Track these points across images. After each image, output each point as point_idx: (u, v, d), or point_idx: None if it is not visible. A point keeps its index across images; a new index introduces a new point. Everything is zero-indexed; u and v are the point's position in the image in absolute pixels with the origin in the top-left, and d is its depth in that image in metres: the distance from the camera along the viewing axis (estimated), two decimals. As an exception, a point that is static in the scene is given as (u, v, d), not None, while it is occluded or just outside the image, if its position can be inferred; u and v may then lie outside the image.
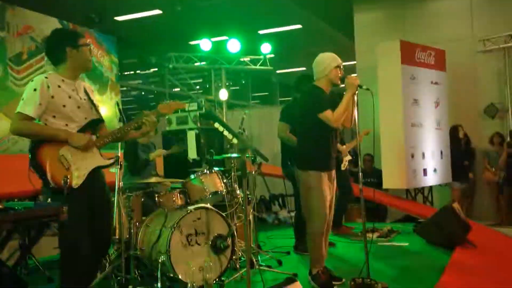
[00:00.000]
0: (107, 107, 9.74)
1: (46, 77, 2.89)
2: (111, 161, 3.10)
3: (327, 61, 3.89)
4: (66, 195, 2.66)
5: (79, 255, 2.81)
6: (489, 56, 8.22)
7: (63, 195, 2.66)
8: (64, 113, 2.91)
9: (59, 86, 2.92)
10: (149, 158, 4.91)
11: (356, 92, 3.78)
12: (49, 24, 8.77)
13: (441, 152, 7.62)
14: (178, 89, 15.66)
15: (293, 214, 6.08)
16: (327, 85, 3.89)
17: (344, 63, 3.97)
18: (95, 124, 3.08)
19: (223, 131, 2.85)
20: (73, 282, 2.84)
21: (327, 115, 3.74)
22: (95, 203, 3.01)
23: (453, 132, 7.75)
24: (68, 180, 2.72)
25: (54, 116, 2.88)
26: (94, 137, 3.04)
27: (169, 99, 14.89)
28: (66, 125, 2.92)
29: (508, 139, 7.32)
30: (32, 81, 2.89)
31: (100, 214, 3.06)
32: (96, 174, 3.01)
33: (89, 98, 3.10)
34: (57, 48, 2.99)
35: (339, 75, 3.86)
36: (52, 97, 2.86)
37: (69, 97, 2.95)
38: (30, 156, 2.81)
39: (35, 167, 2.77)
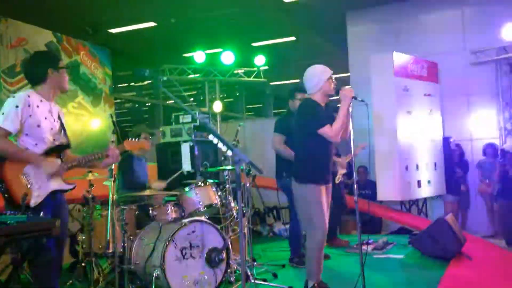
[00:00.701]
0: (101, 119, 9.72)
1: (28, 96, 2.96)
2: (71, 186, 3.15)
3: (318, 75, 3.88)
4: (23, 212, 2.68)
5: (42, 270, 2.88)
6: (481, 68, 8.29)
7: (20, 211, 2.69)
8: (37, 133, 2.98)
9: (37, 106, 2.99)
10: (150, 186, 4.88)
11: (351, 103, 3.78)
12: (42, 36, 8.78)
13: (435, 164, 7.63)
14: (172, 101, 15.67)
15: (288, 226, 6.07)
16: (323, 98, 3.90)
17: (337, 75, 3.98)
18: (62, 148, 3.14)
19: (217, 143, 2.83)
20: None
21: (326, 130, 3.75)
22: None
23: (444, 143, 7.79)
24: (27, 198, 2.77)
25: (26, 134, 2.95)
26: (59, 162, 3.07)
27: (163, 111, 14.92)
28: (36, 144, 2.98)
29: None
30: (13, 97, 2.95)
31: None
32: (57, 196, 3.06)
33: (61, 122, 3.19)
34: (39, 69, 3.08)
35: (333, 85, 3.88)
36: (30, 116, 2.93)
37: (45, 118, 3.03)
38: None
39: None
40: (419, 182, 7.25)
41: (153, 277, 3.73)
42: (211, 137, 2.73)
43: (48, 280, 2.89)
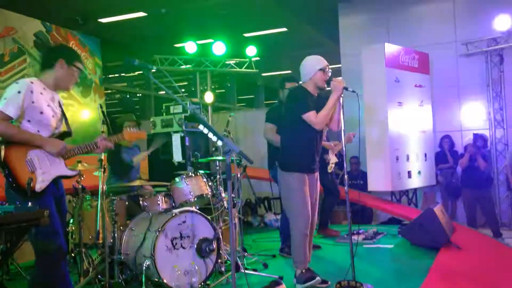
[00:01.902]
0: (91, 110, 9.65)
1: (31, 82, 2.95)
2: (75, 172, 3.17)
3: (311, 64, 3.91)
4: (32, 198, 2.71)
5: (49, 257, 2.84)
6: (472, 59, 8.32)
7: (24, 196, 2.72)
8: (39, 120, 2.96)
9: (41, 93, 2.98)
10: (133, 163, 4.86)
11: (342, 94, 3.79)
12: (31, 26, 8.68)
13: (425, 155, 7.68)
14: (163, 92, 15.58)
15: (279, 216, 6.09)
16: (313, 88, 3.90)
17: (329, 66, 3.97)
18: (64, 136, 3.13)
19: (208, 134, 2.83)
20: (43, 284, 2.88)
21: (310, 116, 3.75)
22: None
23: (440, 143, 7.90)
24: (32, 182, 2.77)
25: (29, 121, 2.93)
26: (63, 143, 3.06)
27: (154, 102, 14.85)
28: (38, 131, 2.97)
29: (472, 141, 7.34)
30: (16, 83, 2.93)
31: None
32: (58, 182, 3.07)
33: (62, 111, 3.18)
34: (52, 54, 3.11)
35: (325, 77, 3.87)
36: (33, 102, 2.91)
37: (48, 105, 3.02)
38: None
39: (1, 165, 2.81)
40: (409, 173, 7.30)
41: (144, 267, 3.73)
42: (201, 127, 2.72)
43: (51, 270, 2.86)
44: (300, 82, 4.02)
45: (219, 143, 2.78)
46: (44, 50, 3.19)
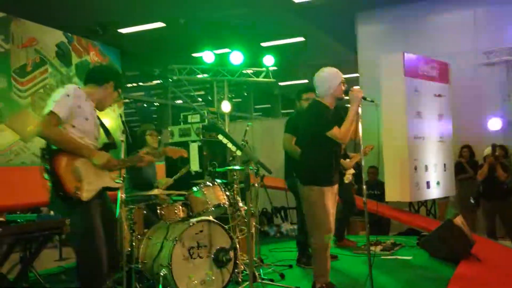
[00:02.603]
0: (110, 119, 9.77)
1: (78, 88, 3.01)
2: (119, 184, 3.20)
3: (330, 79, 3.84)
4: (78, 207, 2.72)
5: (95, 265, 2.84)
6: (492, 69, 8.23)
7: (72, 205, 2.72)
8: (84, 126, 2.97)
9: (85, 100, 3.03)
10: (159, 186, 4.87)
11: (360, 104, 3.77)
12: (53, 36, 8.86)
13: (444, 165, 7.58)
14: (180, 101, 15.72)
15: (296, 226, 6.05)
16: (332, 101, 3.87)
17: (346, 76, 3.96)
18: (108, 148, 3.16)
19: (226, 143, 2.84)
20: None
21: (335, 132, 3.73)
22: (102, 221, 3.04)
23: (460, 153, 7.81)
24: (79, 192, 2.76)
25: (73, 126, 2.93)
26: (109, 155, 3.09)
27: (171, 111, 14.97)
28: (82, 138, 2.98)
29: (491, 152, 7.21)
30: (64, 87, 2.97)
31: (107, 232, 3.09)
32: (103, 193, 3.08)
33: (101, 122, 3.22)
34: (108, 74, 3.19)
35: (343, 89, 3.86)
36: (79, 107, 2.94)
37: (90, 113, 3.06)
38: (47, 162, 2.82)
39: (49, 173, 2.79)
40: (428, 183, 7.21)
41: (161, 277, 3.74)
42: (220, 137, 2.74)
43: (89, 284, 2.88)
44: (315, 95, 4.00)
45: (238, 152, 2.78)
46: (97, 67, 3.35)
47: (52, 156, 2.82)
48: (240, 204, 4.55)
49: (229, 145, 2.84)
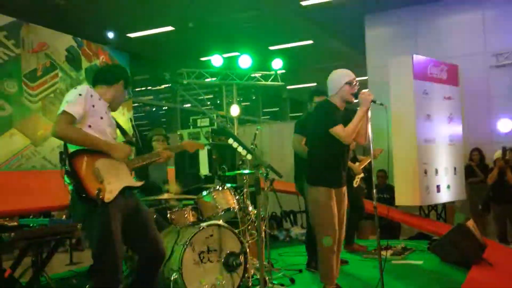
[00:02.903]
0: (120, 123, 9.81)
1: (90, 87, 2.98)
2: (140, 183, 3.12)
3: (338, 78, 3.87)
4: (99, 208, 2.69)
5: (110, 268, 2.82)
6: (502, 71, 8.17)
7: (95, 206, 2.68)
8: (99, 125, 2.94)
9: (99, 99, 2.99)
10: (163, 188, 4.86)
11: (370, 107, 3.75)
12: (63, 41, 8.93)
13: (455, 169, 7.53)
14: (188, 105, 15.76)
15: (305, 230, 6.03)
16: (340, 102, 3.87)
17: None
18: (130, 145, 3.13)
19: (237, 147, 2.83)
20: None
21: (338, 130, 3.71)
22: (133, 221, 3.03)
23: (470, 156, 7.75)
24: (101, 193, 2.72)
25: (89, 126, 2.89)
26: (129, 147, 3.07)
27: (180, 114, 15.01)
28: (102, 140, 2.93)
29: (501, 155, 7.14)
30: (76, 88, 2.93)
31: (143, 233, 3.08)
32: (126, 193, 3.00)
33: (116, 122, 3.19)
34: (118, 73, 3.14)
35: (352, 91, 3.84)
36: (93, 106, 2.91)
37: (105, 112, 3.03)
38: (66, 164, 2.76)
39: (70, 175, 2.74)
40: (438, 187, 7.16)
41: (171, 281, 3.74)
42: (230, 141, 2.73)
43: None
44: (328, 97, 4.00)
45: (249, 156, 2.77)
46: (105, 67, 3.30)
47: (72, 157, 2.76)
48: (250, 208, 4.55)
49: (239, 149, 2.83)
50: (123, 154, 2.94)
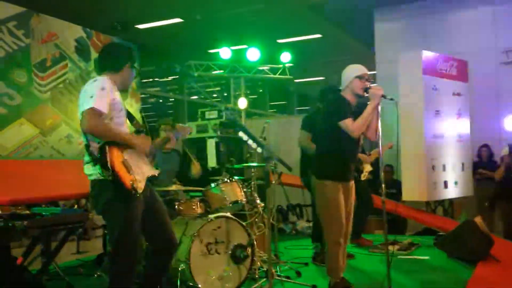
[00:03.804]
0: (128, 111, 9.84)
1: (109, 78, 2.93)
2: (157, 171, 3.13)
3: (349, 72, 3.88)
4: (131, 198, 2.73)
5: (133, 257, 2.87)
6: (512, 68, 8.11)
7: (131, 197, 2.72)
8: (119, 117, 2.93)
9: (116, 90, 2.96)
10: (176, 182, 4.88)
11: (380, 102, 3.74)
12: (73, 32, 8.95)
13: (463, 164, 7.50)
14: (195, 97, 15.77)
15: (311, 224, 6.05)
16: (351, 96, 3.86)
17: (364, 73, 3.92)
18: (139, 133, 3.12)
19: (247, 140, 2.84)
20: (125, 281, 2.89)
21: (347, 123, 3.71)
22: (156, 208, 3.09)
23: (478, 152, 7.70)
24: (135, 184, 2.76)
25: (111, 118, 2.87)
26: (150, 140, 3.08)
27: (187, 106, 15.02)
28: (129, 135, 2.95)
29: (508, 152, 7.09)
30: (95, 80, 2.88)
31: (162, 220, 3.13)
32: (147, 182, 3.03)
33: (127, 110, 3.15)
34: (120, 58, 3.06)
35: (363, 86, 3.82)
36: (114, 99, 2.88)
37: (121, 102, 3.00)
38: (98, 155, 2.75)
39: (105, 167, 2.72)
40: (445, 183, 7.14)
41: (179, 272, 3.77)
42: (241, 134, 2.73)
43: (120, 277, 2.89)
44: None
45: (259, 150, 2.78)
46: (110, 53, 3.11)
47: (105, 150, 2.74)
48: (258, 201, 4.56)
49: (250, 141, 2.83)
50: (147, 147, 2.97)
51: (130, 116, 3.15)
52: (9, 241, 2.29)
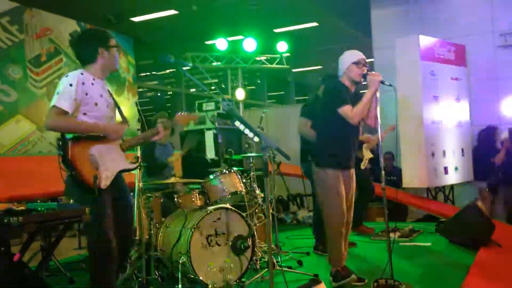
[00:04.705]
0: (125, 108, 9.77)
1: (81, 73, 2.89)
2: (135, 165, 3.12)
3: (345, 58, 3.85)
4: (95, 195, 2.70)
5: (108, 254, 2.84)
6: (510, 51, 8.04)
7: (92, 194, 2.70)
8: (94, 112, 2.90)
9: (92, 84, 2.92)
10: (167, 163, 4.87)
11: (378, 88, 3.70)
12: (67, 26, 8.88)
13: (462, 150, 7.48)
14: (193, 90, 15.71)
15: (312, 213, 6.03)
16: (349, 82, 3.83)
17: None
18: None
19: (243, 130, 2.81)
20: (104, 281, 2.87)
21: (346, 110, 3.68)
22: (118, 205, 3.03)
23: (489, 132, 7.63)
24: (98, 180, 2.74)
25: (84, 114, 2.87)
26: (124, 125, 3.05)
27: (184, 99, 14.97)
28: (95, 123, 2.91)
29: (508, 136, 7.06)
30: (67, 76, 2.87)
31: (123, 216, 3.09)
32: (119, 176, 3.03)
33: (114, 100, 3.13)
34: (90, 48, 2.99)
35: (359, 72, 3.78)
36: (86, 94, 2.85)
37: (100, 95, 2.96)
38: (61, 153, 2.77)
39: (66, 164, 2.74)
40: (445, 169, 7.12)
41: (179, 264, 3.76)
42: (238, 123, 2.70)
43: (99, 273, 2.87)
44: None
45: (256, 139, 2.75)
46: (77, 48, 3.06)
47: (67, 145, 2.76)
48: (257, 191, 4.54)
49: (247, 131, 2.80)
50: (116, 133, 2.93)
51: (121, 113, 3.17)
52: (9, 238, 2.26)
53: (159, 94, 18.52)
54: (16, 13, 8.00)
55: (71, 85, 2.79)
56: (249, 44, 9.76)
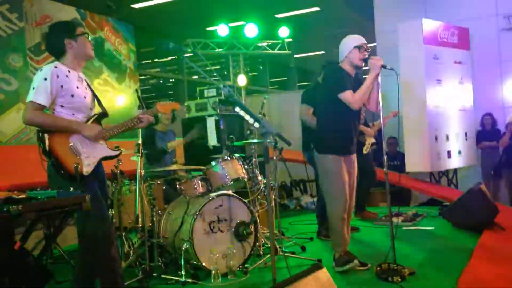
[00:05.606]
0: (126, 95, 9.77)
1: (55, 67, 2.89)
2: (117, 152, 3.14)
3: (347, 42, 3.80)
4: (77, 183, 2.72)
5: (97, 242, 2.85)
6: (514, 34, 7.95)
7: (74, 182, 2.72)
8: (71, 103, 2.92)
9: (67, 76, 2.92)
10: (167, 148, 4.86)
11: (380, 73, 3.67)
12: (67, 13, 8.81)
13: (466, 134, 7.44)
14: (195, 76, 15.65)
15: (315, 199, 6.03)
16: (350, 67, 3.79)
17: (364, 44, 3.83)
18: (101, 118, 3.09)
19: (243, 116, 2.78)
20: (90, 268, 2.88)
21: (347, 95, 3.65)
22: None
23: (482, 121, 7.62)
24: (79, 167, 2.79)
25: (62, 106, 2.89)
26: (100, 127, 3.05)
27: (187, 86, 14.92)
28: (73, 114, 2.94)
29: None
30: (41, 70, 2.88)
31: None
32: (100, 165, 3.05)
33: (92, 91, 3.12)
34: (56, 41, 2.99)
35: (361, 56, 3.74)
36: (62, 86, 2.87)
37: (77, 87, 2.97)
38: (40, 144, 2.82)
39: (46, 154, 2.80)
40: (449, 153, 7.10)
41: (182, 251, 3.77)
42: (238, 109, 2.67)
43: (96, 256, 2.88)
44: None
45: (256, 125, 2.72)
46: (46, 43, 3.04)
47: (44, 137, 2.80)
48: (259, 177, 4.53)
49: (247, 117, 2.77)
50: (93, 133, 2.94)
51: (98, 101, 3.14)
52: (9, 227, 2.25)
53: (161, 81, 18.47)
54: (15, 1, 7.94)
55: (45, 79, 2.82)
56: (251, 30, 9.69)
